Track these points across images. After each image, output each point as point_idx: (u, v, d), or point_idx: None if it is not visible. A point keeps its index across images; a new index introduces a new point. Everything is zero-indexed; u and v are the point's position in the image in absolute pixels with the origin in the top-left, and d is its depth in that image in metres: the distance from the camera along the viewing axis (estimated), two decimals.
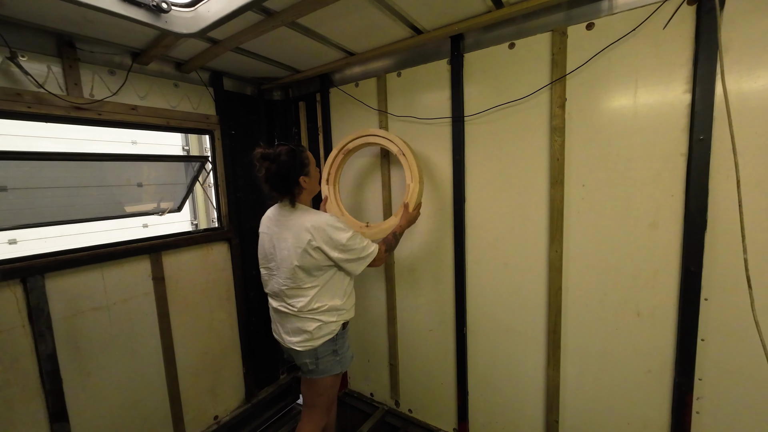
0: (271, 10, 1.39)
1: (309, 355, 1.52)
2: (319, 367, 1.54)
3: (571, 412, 1.63)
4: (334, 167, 1.95)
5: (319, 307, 1.48)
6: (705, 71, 1.19)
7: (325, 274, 1.48)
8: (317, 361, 1.53)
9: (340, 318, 1.54)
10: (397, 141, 1.76)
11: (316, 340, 1.50)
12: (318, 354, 1.52)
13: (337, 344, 1.55)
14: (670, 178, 1.30)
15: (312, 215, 1.45)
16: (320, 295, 1.48)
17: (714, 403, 1.31)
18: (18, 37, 1.39)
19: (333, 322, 1.51)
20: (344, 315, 1.56)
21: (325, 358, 1.53)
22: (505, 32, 1.58)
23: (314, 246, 1.41)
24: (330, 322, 1.51)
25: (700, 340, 1.30)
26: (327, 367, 1.55)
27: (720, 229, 1.23)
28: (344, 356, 1.60)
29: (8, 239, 3.02)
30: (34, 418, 1.48)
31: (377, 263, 1.56)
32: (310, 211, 1.49)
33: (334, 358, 1.55)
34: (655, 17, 1.26)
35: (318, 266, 1.45)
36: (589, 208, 1.47)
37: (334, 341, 1.54)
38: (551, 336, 1.61)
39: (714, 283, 1.26)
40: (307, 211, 1.48)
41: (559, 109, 1.47)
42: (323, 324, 1.49)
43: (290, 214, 1.48)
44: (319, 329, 1.49)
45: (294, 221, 1.46)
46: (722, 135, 1.18)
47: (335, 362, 1.56)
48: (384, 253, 1.58)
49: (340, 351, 1.57)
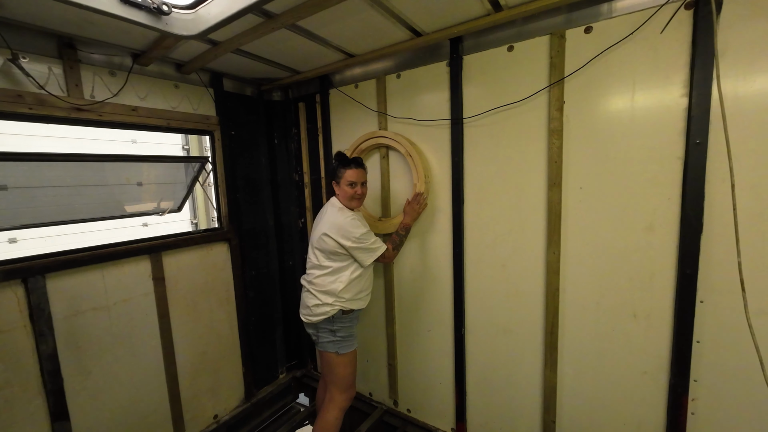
0: (272, 12, 1.40)
1: (310, 327, 1.84)
2: (319, 340, 1.82)
3: (568, 413, 1.64)
4: None
5: (321, 284, 1.76)
6: (701, 75, 1.20)
7: (339, 261, 1.75)
8: (318, 334, 1.82)
9: (338, 303, 1.75)
10: (404, 142, 1.87)
11: (313, 317, 1.78)
12: (318, 328, 1.80)
13: (335, 326, 1.78)
14: (667, 182, 1.31)
15: (339, 214, 1.75)
16: (329, 275, 1.76)
17: (709, 405, 1.33)
18: (19, 38, 1.39)
19: (328, 304, 1.75)
20: (343, 303, 1.76)
21: (323, 334, 1.80)
22: (503, 35, 1.58)
23: (328, 235, 1.72)
24: (325, 304, 1.75)
25: (696, 342, 1.31)
26: (324, 343, 1.80)
27: (715, 232, 1.24)
28: (344, 341, 1.80)
29: (8, 238, 3.03)
30: (35, 417, 1.49)
31: (386, 260, 1.84)
32: (342, 211, 1.77)
33: (332, 337, 1.78)
34: (652, 21, 1.27)
35: (330, 250, 1.73)
36: (586, 210, 1.48)
37: (332, 322, 1.77)
38: (548, 337, 1.62)
39: (709, 286, 1.27)
40: (340, 210, 1.77)
41: (557, 112, 1.48)
42: (320, 304, 1.75)
43: (330, 208, 1.81)
44: (317, 307, 1.76)
45: (328, 214, 1.79)
46: (718, 139, 1.19)
47: (332, 341, 1.79)
48: (392, 251, 1.83)
49: (339, 333, 1.78)
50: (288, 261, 2.57)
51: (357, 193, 1.77)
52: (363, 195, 1.82)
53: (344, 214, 1.74)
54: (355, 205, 1.83)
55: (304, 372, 2.70)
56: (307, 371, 2.71)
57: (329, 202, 1.87)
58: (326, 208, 1.85)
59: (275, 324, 2.59)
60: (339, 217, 1.73)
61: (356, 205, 1.83)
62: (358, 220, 1.76)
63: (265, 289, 2.51)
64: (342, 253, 1.73)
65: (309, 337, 1.92)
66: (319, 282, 1.77)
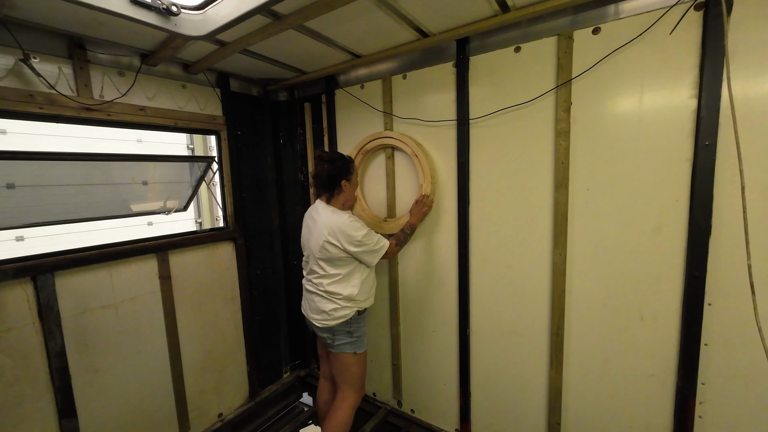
0: (279, 13, 1.41)
1: (326, 330, 1.77)
2: (335, 342, 1.77)
3: (573, 415, 1.63)
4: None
5: (337, 293, 1.71)
6: (711, 76, 1.19)
7: (346, 266, 1.71)
8: (334, 337, 1.77)
9: (355, 305, 1.73)
10: (410, 143, 1.87)
11: (332, 321, 1.73)
12: (335, 332, 1.76)
13: (352, 327, 1.76)
14: (675, 183, 1.30)
15: (335, 216, 1.68)
16: (340, 282, 1.71)
17: (717, 408, 1.32)
18: (31, 39, 1.41)
19: (347, 307, 1.72)
20: (359, 304, 1.75)
21: (340, 336, 1.76)
22: (511, 36, 1.58)
23: (330, 242, 1.65)
24: (345, 307, 1.72)
25: (704, 344, 1.30)
26: (342, 345, 1.77)
27: (724, 234, 1.23)
28: (360, 340, 1.80)
29: (15, 236, 3.05)
30: (43, 413, 1.51)
31: (389, 256, 1.77)
32: (336, 213, 1.70)
33: (349, 338, 1.76)
34: (661, 22, 1.27)
35: (336, 258, 1.68)
36: (593, 211, 1.48)
37: (349, 324, 1.75)
38: (554, 338, 1.62)
39: (718, 289, 1.26)
40: (334, 212, 1.70)
41: (564, 113, 1.48)
42: (339, 308, 1.72)
43: (323, 212, 1.72)
44: (335, 311, 1.72)
45: (322, 218, 1.70)
46: (728, 140, 1.19)
47: (349, 342, 1.77)
48: (395, 247, 1.78)
49: (355, 334, 1.77)
50: (293, 260, 2.57)
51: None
52: None
53: (341, 217, 1.67)
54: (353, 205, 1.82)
55: (308, 371, 2.71)
56: (310, 371, 2.72)
57: (318, 205, 1.78)
58: (318, 212, 1.75)
59: (279, 323, 2.60)
60: (337, 219, 1.66)
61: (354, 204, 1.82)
62: (357, 221, 1.69)
63: (269, 288, 2.52)
64: (346, 257, 1.68)
65: (313, 336, 1.93)
66: (333, 290, 1.71)
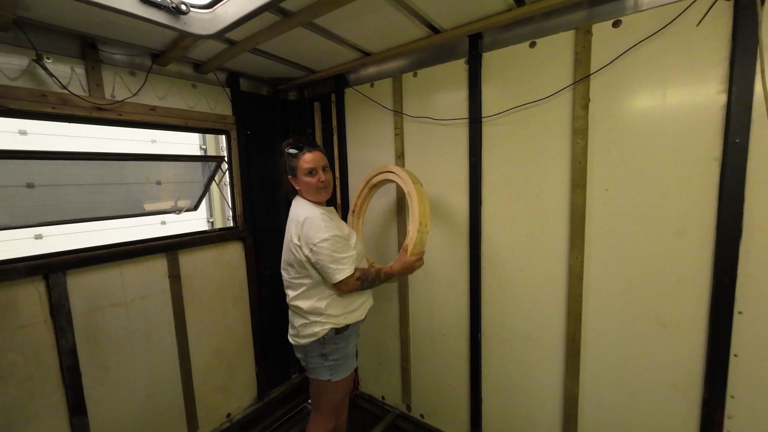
0: (288, 10, 1.39)
1: (298, 350, 1.56)
2: (309, 365, 1.54)
3: (590, 424, 1.57)
4: (360, 199, 1.91)
5: (303, 306, 1.47)
6: (743, 70, 1.12)
7: (308, 277, 1.45)
8: (306, 359, 1.54)
9: (328, 321, 1.46)
10: (407, 180, 1.58)
11: (302, 338, 1.50)
12: (307, 352, 1.52)
13: (326, 349, 1.48)
14: (701, 183, 1.23)
15: (304, 207, 1.45)
16: (307, 293, 1.47)
17: (748, 424, 1.24)
18: (44, 39, 1.42)
19: (318, 323, 1.45)
20: (334, 320, 1.46)
21: (313, 359, 1.51)
22: (525, 31, 1.53)
23: (294, 242, 1.42)
24: (314, 323, 1.46)
25: (733, 355, 1.23)
26: (315, 369, 1.52)
27: (756, 238, 1.16)
28: (338, 365, 1.50)
29: (34, 234, 3.13)
30: (54, 410, 1.52)
31: (342, 287, 1.40)
32: (305, 205, 1.48)
33: (323, 362, 1.49)
34: (687, 13, 1.20)
35: (299, 262, 1.41)
36: (612, 213, 1.41)
37: (322, 344, 1.48)
38: (570, 344, 1.55)
39: (749, 296, 1.19)
40: (303, 204, 1.48)
41: (582, 110, 1.42)
42: (308, 323, 1.47)
43: (294, 206, 1.53)
44: (304, 327, 1.48)
45: (292, 213, 1.50)
46: (761, 137, 1.12)
47: (323, 367, 1.49)
48: (355, 281, 1.40)
49: (331, 357, 1.48)
50: None
51: (321, 180, 1.47)
52: (329, 182, 1.51)
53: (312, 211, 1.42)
54: (324, 197, 1.52)
55: None
56: None
57: (294, 200, 1.56)
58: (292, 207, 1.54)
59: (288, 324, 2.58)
60: (307, 212, 1.41)
61: (325, 196, 1.52)
62: (325, 222, 1.39)
63: (278, 288, 2.48)
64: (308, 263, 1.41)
65: None
66: (299, 304, 1.47)
